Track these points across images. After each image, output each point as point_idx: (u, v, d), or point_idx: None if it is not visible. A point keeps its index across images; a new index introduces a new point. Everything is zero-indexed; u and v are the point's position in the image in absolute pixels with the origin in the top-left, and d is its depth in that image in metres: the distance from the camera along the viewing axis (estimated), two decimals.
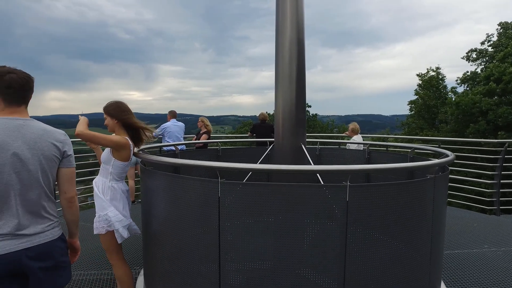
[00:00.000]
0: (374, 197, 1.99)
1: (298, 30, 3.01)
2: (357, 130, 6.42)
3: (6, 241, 1.50)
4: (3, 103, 1.60)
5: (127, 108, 2.63)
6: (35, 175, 1.60)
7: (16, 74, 1.60)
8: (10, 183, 1.52)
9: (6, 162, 1.51)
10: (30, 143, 1.59)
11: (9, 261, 1.49)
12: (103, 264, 3.65)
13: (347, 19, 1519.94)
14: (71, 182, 1.77)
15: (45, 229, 1.63)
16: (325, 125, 30.34)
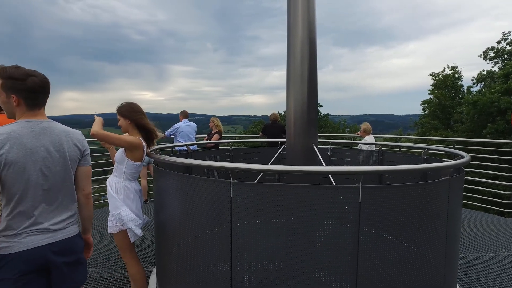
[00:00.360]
0: (387, 198, 1.97)
1: (310, 30, 3.00)
2: (369, 130, 6.35)
3: (32, 236, 1.56)
4: (25, 107, 1.63)
5: (140, 109, 2.66)
6: (61, 175, 1.68)
7: (37, 77, 1.63)
8: (39, 182, 1.59)
9: (36, 164, 1.58)
10: (56, 144, 1.66)
11: (37, 256, 1.56)
12: (117, 262, 3.70)
13: (359, 18, 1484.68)
14: (88, 179, 1.86)
15: (66, 225, 1.70)
16: (336, 125, 30.09)
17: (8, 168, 1.51)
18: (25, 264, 1.53)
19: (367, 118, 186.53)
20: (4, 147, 1.50)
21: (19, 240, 1.53)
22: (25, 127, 1.59)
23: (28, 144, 1.57)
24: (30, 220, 1.57)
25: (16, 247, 1.52)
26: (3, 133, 1.52)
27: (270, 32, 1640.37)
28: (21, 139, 1.56)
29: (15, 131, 1.56)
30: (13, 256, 1.51)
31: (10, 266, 1.51)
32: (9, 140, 1.52)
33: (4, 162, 1.49)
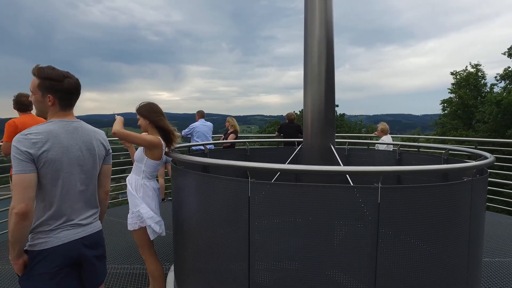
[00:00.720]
0: (407, 199, 1.93)
1: (327, 30, 2.98)
2: (387, 130, 6.25)
3: (66, 231, 1.63)
4: (59, 107, 1.68)
5: (159, 109, 2.71)
6: (92, 172, 1.76)
7: (71, 78, 1.69)
8: (74, 179, 1.66)
9: (71, 163, 1.65)
10: (87, 143, 1.73)
11: (72, 249, 1.63)
12: (135, 259, 3.78)
13: (376, 16, 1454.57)
14: (109, 177, 1.95)
15: (93, 220, 1.78)
16: (352, 125, 29.74)
17: (48, 165, 1.56)
18: (62, 258, 1.59)
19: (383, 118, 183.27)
20: (45, 145, 1.55)
21: (54, 235, 1.59)
22: (59, 126, 1.65)
23: (64, 143, 1.63)
24: (65, 216, 1.63)
25: (52, 242, 1.58)
26: (43, 132, 1.57)
27: (285, 32, 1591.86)
28: (59, 138, 1.61)
29: (53, 130, 1.61)
30: (49, 251, 1.57)
31: (48, 261, 1.57)
32: (49, 139, 1.57)
33: (45, 160, 1.55)
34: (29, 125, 3.43)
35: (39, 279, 1.56)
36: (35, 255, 1.56)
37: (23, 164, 1.50)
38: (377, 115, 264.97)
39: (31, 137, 1.54)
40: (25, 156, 1.50)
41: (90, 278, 1.75)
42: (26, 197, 1.48)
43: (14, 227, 1.47)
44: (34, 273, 1.56)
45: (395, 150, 4.39)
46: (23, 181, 1.49)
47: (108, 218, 5.21)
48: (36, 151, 1.52)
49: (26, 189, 1.49)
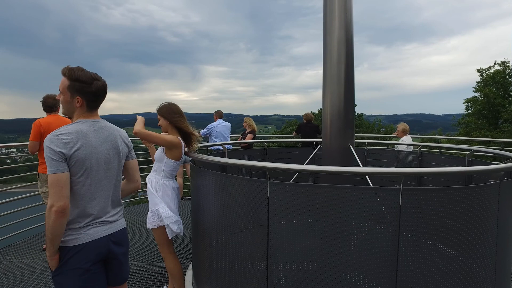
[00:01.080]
0: (430, 202, 1.89)
1: (347, 29, 2.95)
2: (407, 131, 6.13)
3: (95, 228, 1.69)
4: (86, 108, 1.74)
5: (179, 111, 2.75)
6: (117, 170, 1.82)
7: (99, 81, 1.74)
8: (102, 178, 1.73)
9: (99, 161, 1.71)
10: (112, 142, 1.79)
11: (101, 245, 1.69)
12: (155, 256, 3.85)
13: (396, 14, 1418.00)
14: (138, 171, 2.03)
15: (119, 217, 1.85)
16: (371, 125, 29.24)
17: (78, 164, 1.62)
18: (93, 254, 1.66)
19: (403, 118, 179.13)
20: (76, 145, 1.61)
21: (85, 232, 1.65)
22: (87, 126, 1.70)
23: (93, 142, 1.68)
24: (94, 213, 1.69)
25: (82, 238, 1.64)
26: (73, 132, 1.63)
27: (303, 31, 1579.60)
28: (88, 137, 1.67)
29: (82, 130, 1.66)
30: (81, 247, 1.63)
31: (79, 256, 1.63)
32: (79, 138, 1.63)
33: (76, 159, 1.61)
34: (53, 124, 3.56)
35: (70, 275, 1.62)
36: (67, 251, 1.63)
37: (58, 164, 1.56)
38: (396, 115, 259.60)
39: (63, 137, 1.60)
40: (59, 156, 1.57)
41: (116, 274, 1.81)
42: (63, 196, 1.55)
43: (53, 224, 1.54)
44: (67, 269, 1.63)
45: (415, 151, 4.30)
46: (59, 180, 1.56)
47: (128, 216, 5.33)
48: (68, 151, 1.59)
49: (63, 188, 1.56)
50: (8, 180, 5.81)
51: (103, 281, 1.75)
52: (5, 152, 7.68)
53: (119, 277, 1.84)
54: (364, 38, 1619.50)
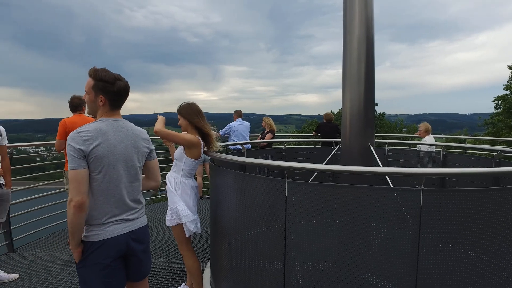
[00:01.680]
0: (452, 204, 1.84)
1: (367, 28, 2.91)
2: (430, 130, 5.97)
3: (115, 225, 1.75)
4: (108, 107, 1.80)
5: (198, 111, 2.79)
6: (136, 169, 1.85)
7: (122, 81, 1.80)
8: (121, 176, 1.76)
9: (118, 159, 1.75)
10: (132, 141, 1.83)
11: (121, 242, 1.75)
12: (174, 253, 3.93)
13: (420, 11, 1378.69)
14: (158, 170, 2.06)
15: (140, 215, 1.89)
16: (393, 125, 28.61)
17: (96, 161, 1.67)
18: (112, 250, 1.72)
19: (426, 117, 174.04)
20: (95, 142, 1.67)
21: (105, 229, 1.72)
22: (107, 125, 1.76)
23: (111, 140, 1.73)
24: (112, 210, 1.74)
25: (103, 235, 1.71)
26: (93, 130, 1.69)
27: (322, 30, 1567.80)
28: (107, 135, 1.72)
29: (101, 128, 1.72)
30: (101, 243, 1.70)
31: (100, 252, 1.70)
32: (98, 136, 1.69)
33: (94, 156, 1.66)
34: (78, 123, 3.70)
35: (92, 269, 1.70)
36: (89, 246, 1.70)
37: (76, 161, 1.63)
38: (419, 114, 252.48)
39: (83, 134, 1.66)
40: (78, 153, 1.63)
41: (135, 270, 1.87)
42: (81, 191, 1.62)
43: (72, 218, 1.62)
44: (89, 263, 1.70)
45: (438, 151, 4.18)
46: (77, 176, 1.63)
47: (148, 214, 5.41)
48: (87, 148, 1.64)
49: (81, 184, 1.62)
50: (37, 177, 6.07)
51: (123, 277, 1.81)
52: (35, 150, 8.11)
53: (138, 273, 1.89)
54: (386, 35, 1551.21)
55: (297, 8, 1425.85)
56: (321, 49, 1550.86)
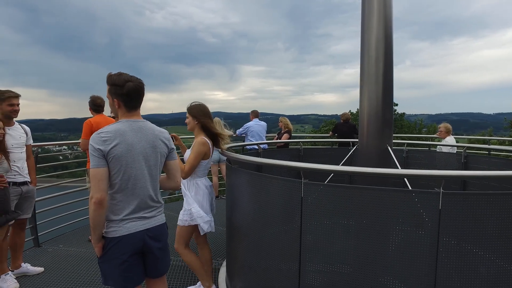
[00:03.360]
0: (473, 207, 1.79)
1: (386, 26, 2.86)
2: (451, 131, 5.81)
3: (133, 223, 1.81)
4: (124, 108, 1.87)
5: (208, 111, 2.83)
6: (154, 169, 1.90)
7: (132, 82, 1.85)
8: (138, 176, 1.81)
9: (136, 159, 1.80)
10: (150, 142, 1.87)
11: (138, 239, 1.81)
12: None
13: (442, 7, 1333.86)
14: (178, 171, 2.08)
15: (157, 213, 1.94)
16: (412, 125, 27.94)
17: (115, 161, 1.74)
18: (129, 246, 1.78)
19: (447, 117, 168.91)
20: (113, 142, 1.74)
21: (123, 226, 1.78)
22: (126, 126, 1.82)
23: (129, 141, 1.79)
24: (130, 208, 1.80)
25: (121, 231, 1.78)
26: (111, 131, 1.77)
27: (341, 29, 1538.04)
28: (125, 136, 1.78)
29: (120, 129, 1.79)
30: (119, 239, 1.77)
31: (118, 247, 1.77)
32: (116, 137, 1.76)
33: (113, 155, 1.73)
34: (102, 124, 3.81)
35: (111, 263, 1.78)
36: (109, 242, 1.78)
37: (96, 160, 1.72)
38: (440, 114, 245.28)
39: (102, 135, 1.74)
40: (98, 153, 1.72)
41: (152, 267, 1.92)
42: (101, 188, 1.70)
43: (93, 214, 1.71)
44: (108, 257, 1.78)
45: (460, 152, 4.07)
46: (97, 174, 1.71)
47: (166, 213, 5.51)
48: (106, 148, 1.72)
49: (100, 181, 1.71)
50: (60, 175, 6.29)
51: (141, 272, 1.88)
52: (58, 149, 8.38)
53: (155, 271, 1.95)
54: (407, 34, 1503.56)
55: (317, 7, 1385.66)
56: (340, 48, 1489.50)
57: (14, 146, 3.10)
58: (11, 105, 3.03)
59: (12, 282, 3.10)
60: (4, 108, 3.01)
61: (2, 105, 3.00)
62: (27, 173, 3.22)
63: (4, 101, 3.00)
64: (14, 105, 3.05)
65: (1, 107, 3.01)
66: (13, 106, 3.05)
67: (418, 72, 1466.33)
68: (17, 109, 3.09)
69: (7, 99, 3.00)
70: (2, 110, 3.01)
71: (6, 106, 3.01)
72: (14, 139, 3.11)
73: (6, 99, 3.00)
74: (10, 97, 3.01)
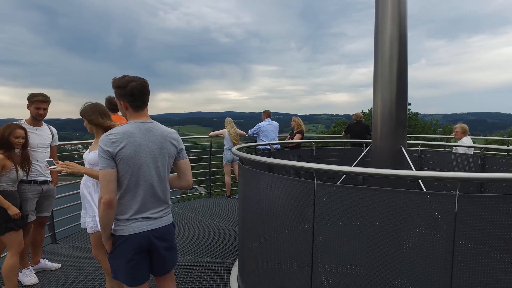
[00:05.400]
0: (491, 210, 1.75)
1: (400, 25, 2.83)
2: (467, 131, 5.67)
3: (139, 223, 1.83)
4: (131, 109, 1.88)
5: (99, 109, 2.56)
6: (162, 170, 1.91)
7: (135, 82, 1.84)
8: (146, 177, 1.83)
9: (143, 160, 1.81)
10: (158, 143, 1.88)
11: (143, 239, 1.83)
12: (203, 251, 4.01)
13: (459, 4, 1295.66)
14: (189, 170, 2.08)
15: (163, 214, 1.94)
16: (427, 125, 27.41)
17: (123, 162, 1.76)
18: (135, 245, 1.81)
19: (464, 117, 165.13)
20: (121, 144, 1.76)
21: (129, 225, 1.81)
22: (135, 127, 1.83)
23: (137, 142, 1.80)
24: (136, 208, 1.82)
25: (127, 230, 1.81)
26: (119, 133, 1.79)
27: (355, 28, 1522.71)
28: (133, 137, 1.80)
29: (128, 131, 1.81)
30: (125, 238, 1.81)
31: (125, 245, 1.81)
32: (124, 138, 1.77)
33: (121, 157, 1.75)
34: (118, 124, 3.87)
35: (119, 260, 1.82)
36: (117, 239, 1.83)
37: (105, 161, 1.74)
38: (456, 113, 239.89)
39: (111, 137, 1.76)
40: (106, 154, 1.74)
41: (158, 266, 1.95)
42: (109, 189, 1.73)
43: (102, 214, 1.75)
44: (116, 254, 1.83)
45: (477, 153, 3.98)
46: (106, 175, 1.74)
47: (178, 212, 5.61)
48: (114, 149, 1.74)
49: (109, 182, 1.74)
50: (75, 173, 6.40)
51: (147, 270, 1.90)
52: (73, 148, 8.63)
53: (161, 269, 1.97)
54: (423, 32, 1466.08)
55: (331, 6, 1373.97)
56: (354, 47, 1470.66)
57: (39, 145, 3.24)
58: (37, 108, 3.18)
59: (32, 277, 3.21)
60: (32, 110, 3.19)
61: (31, 107, 3.18)
62: (48, 173, 3.32)
63: (32, 104, 3.17)
64: (40, 109, 3.19)
65: (30, 109, 3.19)
66: (39, 109, 3.19)
67: (434, 71, 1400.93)
68: (42, 113, 3.22)
69: (35, 102, 3.17)
70: (30, 111, 3.20)
71: (33, 109, 3.18)
72: (39, 139, 3.24)
73: (34, 102, 3.17)
74: (37, 101, 3.17)
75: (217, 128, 6.91)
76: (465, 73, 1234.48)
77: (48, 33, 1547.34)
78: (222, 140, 6.56)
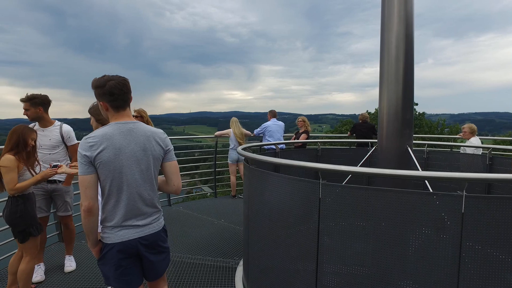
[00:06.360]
0: (500, 211, 1.73)
1: (407, 25, 2.81)
2: (475, 131, 5.61)
3: (125, 230, 1.77)
4: (112, 109, 1.78)
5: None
6: (147, 173, 1.80)
7: (114, 80, 1.74)
8: (129, 181, 1.74)
9: (124, 164, 1.72)
10: (141, 144, 1.78)
11: (131, 246, 1.78)
12: (208, 251, 4.02)
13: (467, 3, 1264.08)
14: (176, 173, 1.95)
15: (152, 221, 1.86)
16: (434, 125, 27.18)
17: (103, 166, 1.68)
18: (122, 253, 1.76)
19: (471, 117, 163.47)
20: (100, 147, 1.67)
21: (115, 233, 1.75)
22: (115, 129, 1.74)
23: (117, 144, 1.71)
24: (121, 214, 1.75)
25: (113, 238, 1.75)
26: (97, 136, 1.70)
27: (362, 27, 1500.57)
28: (112, 139, 1.71)
29: (107, 133, 1.72)
30: (112, 246, 1.76)
31: (112, 253, 1.76)
32: (103, 141, 1.69)
33: (100, 161, 1.67)
34: None
35: (108, 267, 1.78)
36: (104, 246, 1.78)
37: (83, 167, 1.67)
38: (463, 113, 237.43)
39: (89, 140, 1.68)
40: (84, 159, 1.67)
41: (148, 271, 1.91)
42: (88, 196, 1.67)
43: (84, 221, 1.71)
44: (105, 261, 1.79)
45: (485, 154, 3.93)
46: (83, 181, 1.67)
47: (183, 211, 5.63)
48: (92, 153, 1.66)
49: (87, 189, 1.67)
50: None
51: (138, 275, 1.85)
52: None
53: (152, 275, 1.93)
54: (430, 31, 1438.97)
55: (337, 5, 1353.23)
56: (360, 46, 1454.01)
57: (42, 147, 3.27)
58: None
59: (39, 275, 3.24)
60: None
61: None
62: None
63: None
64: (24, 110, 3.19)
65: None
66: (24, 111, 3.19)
67: (441, 71, 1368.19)
68: (25, 113, 3.19)
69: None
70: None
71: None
72: (43, 140, 3.28)
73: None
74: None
75: (223, 127, 6.93)
76: (473, 73, 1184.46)
77: (56, 34, 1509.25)
78: (227, 139, 6.58)
